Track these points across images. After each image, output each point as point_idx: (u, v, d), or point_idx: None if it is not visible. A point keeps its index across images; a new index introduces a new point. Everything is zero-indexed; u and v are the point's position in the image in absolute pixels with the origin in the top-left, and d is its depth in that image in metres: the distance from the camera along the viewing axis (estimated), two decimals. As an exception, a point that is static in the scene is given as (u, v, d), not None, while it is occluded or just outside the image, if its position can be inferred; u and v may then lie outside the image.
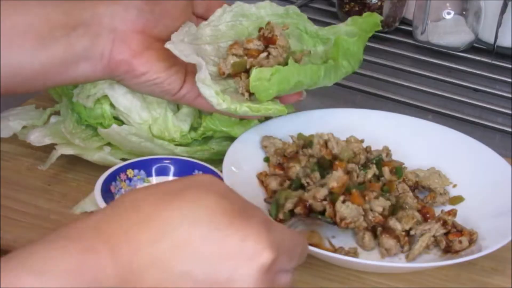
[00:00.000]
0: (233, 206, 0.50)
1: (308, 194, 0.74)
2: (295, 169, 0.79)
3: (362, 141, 0.84)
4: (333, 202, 0.72)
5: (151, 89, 0.77)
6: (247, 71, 0.78)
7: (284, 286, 0.53)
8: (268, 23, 0.81)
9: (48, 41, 0.70)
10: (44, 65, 0.71)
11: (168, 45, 0.73)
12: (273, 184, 0.79)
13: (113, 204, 0.50)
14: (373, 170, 0.79)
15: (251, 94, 0.77)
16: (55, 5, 0.71)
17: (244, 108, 0.75)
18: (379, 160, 0.82)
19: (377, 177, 0.80)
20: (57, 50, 0.71)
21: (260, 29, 0.81)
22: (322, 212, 0.73)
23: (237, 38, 0.81)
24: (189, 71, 0.77)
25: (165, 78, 0.76)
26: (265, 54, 0.79)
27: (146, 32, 0.75)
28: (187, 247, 0.47)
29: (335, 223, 0.72)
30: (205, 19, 0.81)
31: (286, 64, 0.77)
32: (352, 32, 0.84)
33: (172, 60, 0.75)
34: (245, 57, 0.79)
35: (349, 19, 0.86)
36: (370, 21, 0.85)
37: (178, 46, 0.74)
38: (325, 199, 0.73)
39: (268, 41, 0.80)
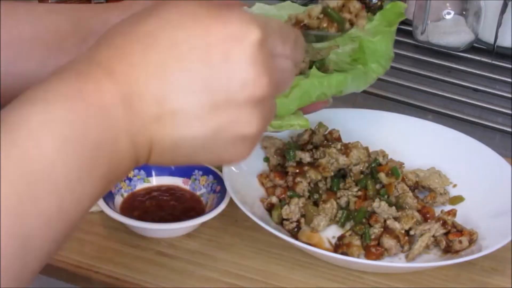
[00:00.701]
0: (210, 3, 0.49)
1: (303, 14, 0.72)
2: (302, 184, 0.79)
3: (366, 148, 0.83)
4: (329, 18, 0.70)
5: None
6: None
7: (286, 71, 0.52)
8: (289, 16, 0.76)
9: (57, 52, 0.69)
10: None
11: None
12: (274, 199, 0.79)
13: (100, 37, 0.50)
14: (372, 185, 0.80)
15: None
16: (63, 13, 0.69)
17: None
18: (374, 167, 0.81)
19: (375, 181, 0.80)
20: (66, 61, 0.70)
21: None
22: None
23: None
24: None
25: None
26: None
27: None
28: (175, 48, 0.47)
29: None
30: None
31: (310, 67, 0.74)
32: (377, 29, 0.80)
33: None
34: None
35: (378, 13, 0.81)
36: (395, 10, 0.80)
37: None
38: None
39: None
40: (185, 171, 0.80)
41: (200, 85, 0.47)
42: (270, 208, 0.77)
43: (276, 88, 0.50)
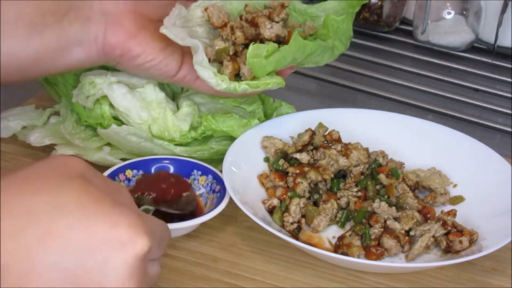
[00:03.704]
0: (99, 191, 0.48)
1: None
2: (303, 185, 0.79)
3: (366, 149, 0.83)
4: None
5: (150, 72, 0.77)
6: (235, 54, 0.79)
7: (154, 276, 0.51)
8: (246, 6, 0.82)
9: (40, 28, 0.70)
10: (37, 52, 0.71)
11: (163, 30, 0.74)
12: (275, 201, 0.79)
13: None
14: (372, 185, 0.80)
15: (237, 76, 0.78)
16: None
17: (243, 85, 0.76)
18: (374, 168, 0.81)
19: (375, 181, 0.80)
20: (49, 37, 0.71)
21: (240, 16, 0.81)
22: None
23: (227, 20, 0.81)
24: (186, 52, 0.77)
25: (161, 59, 0.76)
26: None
27: (138, 12, 0.75)
28: (54, 237, 0.45)
29: None
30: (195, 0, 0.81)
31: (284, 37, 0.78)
32: (339, 9, 0.85)
33: (167, 41, 0.75)
34: (229, 43, 0.79)
35: None
36: None
37: (172, 30, 0.74)
38: None
39: (253, 24, 0.80)
40: (184, 171, 0.80)
41: (69, 285, 0.45)
42: (271, 210, 0.77)
43: None
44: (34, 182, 0.47)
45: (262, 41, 0.79)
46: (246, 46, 0.78)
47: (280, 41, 0.79)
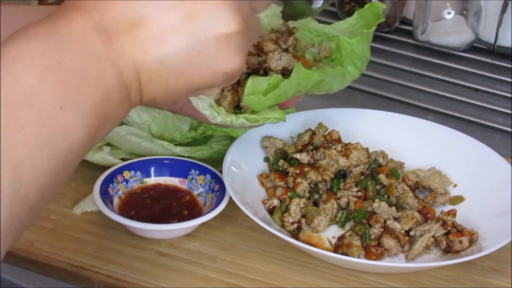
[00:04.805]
0: None
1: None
2: (303, 185, 0.79)
3: (366, 149, 0.83)
4: None
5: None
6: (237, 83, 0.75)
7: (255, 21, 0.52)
8: None
9: None
10: None
11: None
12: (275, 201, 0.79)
13: None
14: (371, 185, 0.80)
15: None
16: (42, 13, 0.71)
17: (240, 119, 0.73)
18: (374, 168, 0.81)
19: (375, 182, 0.80)
20: None
21: None
22: None
23: None
24: None
25: None
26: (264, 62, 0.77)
27: None
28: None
29: None
30: None
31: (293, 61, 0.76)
32: (355, 29, 0.82)
33: None
34: None
35: (356, 12, 0.83)
36: (373, 11, 0.81)
37: None
38: None
39: (258, 48, 0.79)
40: (183, 171, 0.80)
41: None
42: (272, 210, 0.77)
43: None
44: None
45: (265, 70, 0.77)
46: (249, 75, 0.75)
47: (286, 73, 0.76)
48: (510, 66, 1.13)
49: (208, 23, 0.47)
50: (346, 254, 0.72)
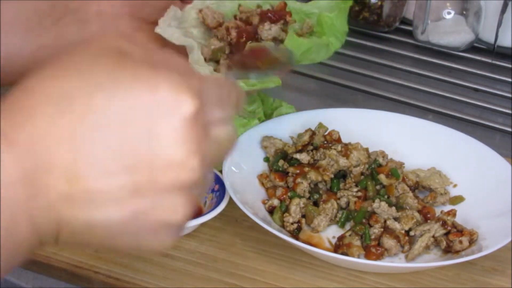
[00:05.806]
0: (136, 61, 0.43)
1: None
2: (303, 185, 0.79)
3: (366, 149, 0.83)
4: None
5: None
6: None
7: (224, 135, 0.46)
8: (239, 6, 0.83)
9: (37, 30, 0.71)
10: (34, 53, 0.72)
11: (157, 30, 0.75)
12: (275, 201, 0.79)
13: (8, 96, 0.43)
14: (371, 185, 0.80)
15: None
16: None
17: (239, 83, 0.76)
18: (374, 168, 0.81)
19: (375, 182, 0.80)
20: (46, 39, 0.71)
21: (235, 16, 0.83)
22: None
23: (221, 20, 0.82)
24: (181, 53, 0.78)
25: None
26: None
27: (134, 14, 0.76)
28: (93, 112, 0.40)
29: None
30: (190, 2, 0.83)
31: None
32: (333, 6, 0.86)
33: (163, 42, 0.76)
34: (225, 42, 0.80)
35: None
36: None
37: (167, 30, 0.75)
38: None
39: (247, 23, 0.81)
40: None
41: (120, 163, 0.41)
42: (272, 210, 0.77)
43: (210, 164, 0.45)
44: (66, 67, 0.43)
45: (258, 40, 0.80)
46: (245, 43, 0.79)
47: (275, 42, 0.80)
48: (510, 66, 1.12)
49: (152, 208, 0.42)
50: (346, 254, 0.72)
